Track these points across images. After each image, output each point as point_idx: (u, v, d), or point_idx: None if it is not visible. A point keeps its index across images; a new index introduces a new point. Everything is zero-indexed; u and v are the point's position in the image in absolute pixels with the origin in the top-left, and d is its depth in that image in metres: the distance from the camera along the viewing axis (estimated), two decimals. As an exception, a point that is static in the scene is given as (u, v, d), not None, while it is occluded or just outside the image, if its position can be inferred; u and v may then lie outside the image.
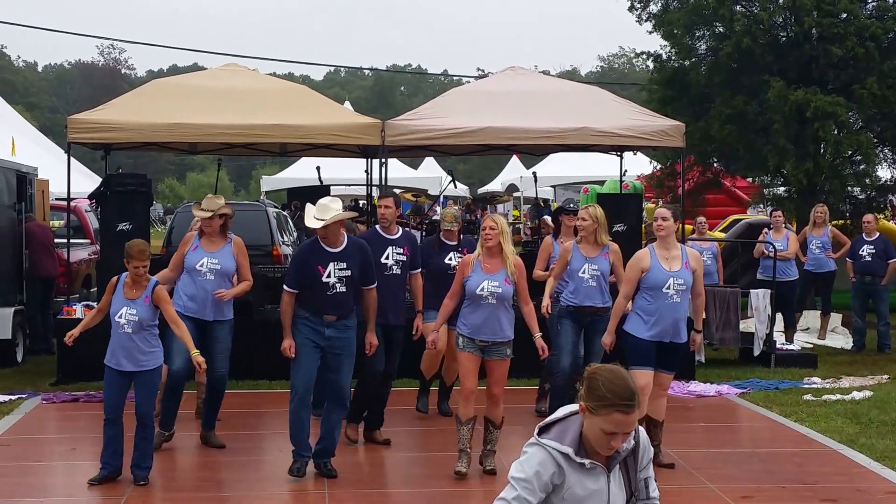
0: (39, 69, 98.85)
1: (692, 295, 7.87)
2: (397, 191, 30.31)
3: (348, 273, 7.52)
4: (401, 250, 8.58)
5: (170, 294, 8.01)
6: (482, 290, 7.49)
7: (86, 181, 19.31)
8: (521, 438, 4.12)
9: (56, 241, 14.58)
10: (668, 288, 7.69)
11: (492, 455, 7.74)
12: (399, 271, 8.56)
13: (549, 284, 8.94)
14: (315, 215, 7.54)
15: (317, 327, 7.51)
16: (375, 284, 7.77)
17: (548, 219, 17.33)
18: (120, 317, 7.37)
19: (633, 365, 7.62)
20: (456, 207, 10.38)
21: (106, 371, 7.41)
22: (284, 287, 7.63)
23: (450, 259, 9.14)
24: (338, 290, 7.49)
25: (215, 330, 8.38)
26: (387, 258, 8.49)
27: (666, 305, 7.70)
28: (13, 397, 10.55)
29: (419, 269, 8.79)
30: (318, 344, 7.52)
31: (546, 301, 8.81)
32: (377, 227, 8.83)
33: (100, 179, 13.85)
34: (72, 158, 12.66)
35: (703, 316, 8.53)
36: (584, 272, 8.60)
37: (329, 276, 7.47)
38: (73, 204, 14.15)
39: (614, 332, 7.97)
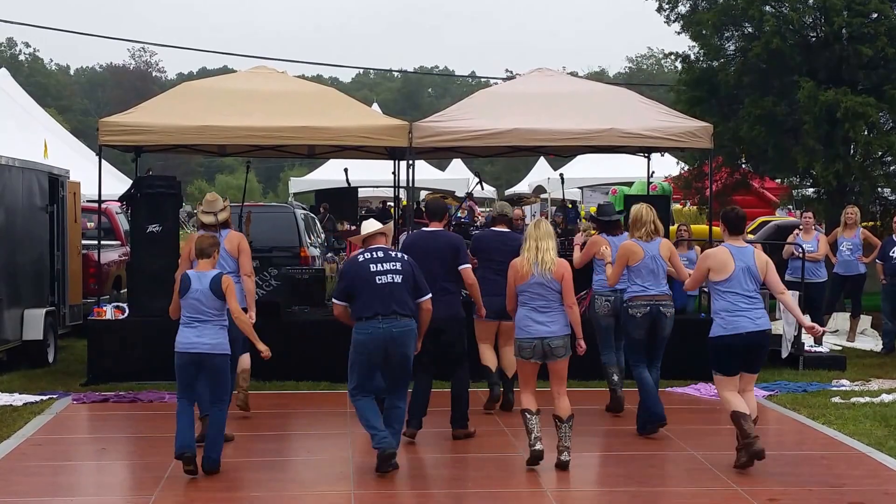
0: (71, 72, 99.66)
1: None
2: (424, 192, 30.29)
3: None
4: None
5: None
6: None
7: (117, 183, 19.47)
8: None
9: (86, 242, 14.77)
10: None
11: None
12: None
13: None
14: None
15: None
16: None
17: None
18: None
19: None
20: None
21: None
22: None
23: None
24: None
25: None
26: None
27: None
28: (44, 397, 10.67)
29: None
30: None
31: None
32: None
33: (130, 182, 13.96)
34: (103, 161, 12.80)
35: None
36: None
37: None
38: (103, 206, 14.29)
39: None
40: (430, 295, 7.98)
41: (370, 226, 8.18)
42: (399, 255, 8.01)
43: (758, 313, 7.98)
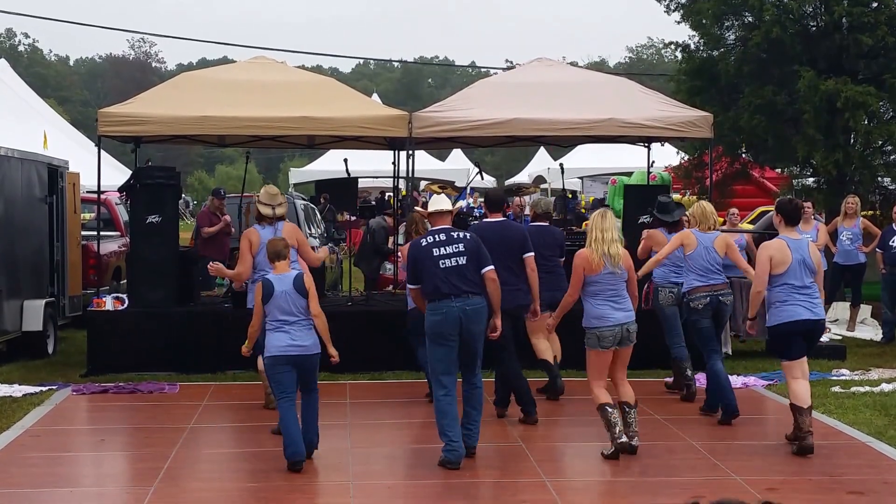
0: (71, 63, 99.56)
1: None
2: (424, 182, 30.25)
3: None
4: None
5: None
6: None
7: (116, 174, 19.47)
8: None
9: (85, 233, 14.76)
10: None
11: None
12: None
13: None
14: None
15: None
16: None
17: None
18: None
19: None
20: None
21: None
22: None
23: None
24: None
25: None
26: None
27: None
28: (44, 388, 10.67)
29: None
30: None
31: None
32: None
33: (130, 172, 13.95)
34: (102, 151, 12.78)
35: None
36: None
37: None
38: (103, 197, 14.27)
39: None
40: (492, 266, 7.96)
41: (440, 202, 8.18)
42: (461, 234, 8.00)
43: (814, 303, 8.14)
